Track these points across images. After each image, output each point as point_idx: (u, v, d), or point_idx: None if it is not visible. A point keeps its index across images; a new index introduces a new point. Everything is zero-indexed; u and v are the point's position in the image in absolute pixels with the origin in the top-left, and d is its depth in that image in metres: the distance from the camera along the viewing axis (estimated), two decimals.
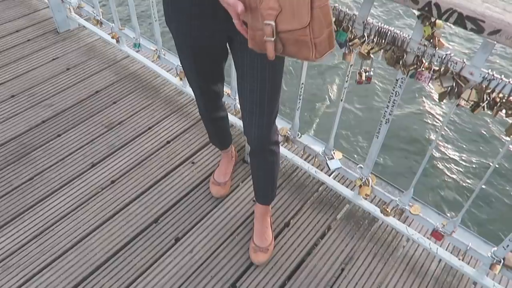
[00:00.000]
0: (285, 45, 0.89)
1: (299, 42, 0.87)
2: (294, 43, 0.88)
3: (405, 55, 1.15)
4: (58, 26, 2.54)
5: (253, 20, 0.88)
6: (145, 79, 2.26)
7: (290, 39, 0.88)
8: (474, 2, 0.94)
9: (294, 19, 0.84)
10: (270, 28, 0.86)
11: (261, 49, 0.92)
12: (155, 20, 1.96)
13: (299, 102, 1.59)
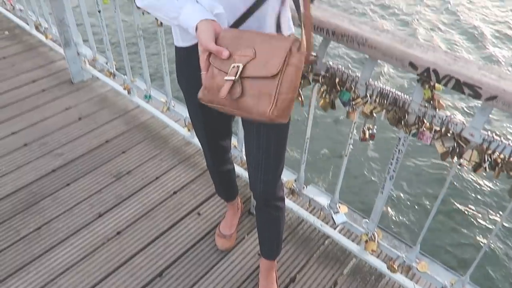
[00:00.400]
0: (244, 92, 0.85)
1: (261, 94, 0.84)
2: (254, 94, 0.84)
3: (407, 115, 1.18)
4: (73, 77, 2.65)
5: (223, 63, 0.88)
6: (154, 129, 2.31)
7: (252, 87, 0.84)
8: (470, 69, 0.99)
9: (264, 67, 0.83)
10: (236, 69, 0.85)
11: (211, 100, 0.90)
12: (165, 75, 2.04)
13: (304, 156, 1.62)
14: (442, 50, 1.06)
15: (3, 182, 1.97)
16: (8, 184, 1.95)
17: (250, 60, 0.85)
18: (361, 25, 1.14)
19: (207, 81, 0.90)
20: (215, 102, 0.90)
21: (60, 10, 2.34)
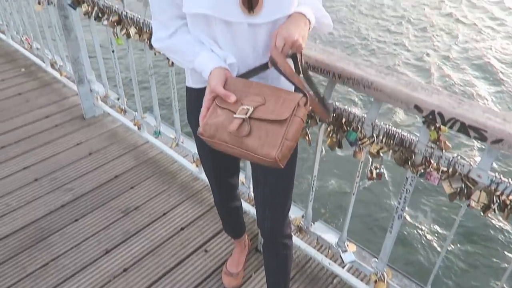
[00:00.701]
0: (251, 132, 0.88)
1: (268, 137, 0.86)
2: (261, 136, 0.87)
3: (413, 156, 1.20)
4: (85, 113, 2.72)
5: (229, 105, 0.92)
6: (163, 165, 2.34)
7: (260, 128, 0.87)
8: (475, 112, 1.00)
9: (274, 112, 0.87)
10: (245, 110, 0.89)
11: (212, 135, 0.91)
12: (175, 111, 2.09)
13: (311, 193, 1.62)
14: (447, 93, 1.08)
15: (12, 217, 1.98)
16: (17, 220, 1.97)
17: (259, 105, 0.89)
18: (366, 69, 1.17)
19: (210, 119, 0.93)
20: (216, 138, 0.92)
21: (76, 49, 2.43)
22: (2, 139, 2.51)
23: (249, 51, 1.00)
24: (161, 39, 1.05)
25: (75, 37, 2.39)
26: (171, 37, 1.03)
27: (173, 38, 1.03)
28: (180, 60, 1.06)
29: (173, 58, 1.10)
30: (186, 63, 1.05)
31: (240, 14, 0.94)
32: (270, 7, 0.95)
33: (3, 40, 3.55)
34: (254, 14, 0.94)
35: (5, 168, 2.29)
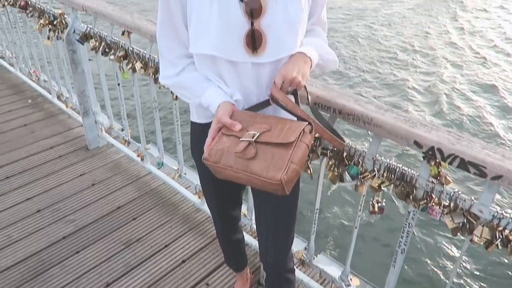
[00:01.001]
0: (257, 155, 0.89)
1: (273, 159, 0.87)
2: (267, 158, 0.88)
3: (415, 190, 1.20)
4: (89, 144, 2.75)
5: (236, 133, 0.94)
6: (165, 196, 2.35)
7: (266, 152, 0.89)
8: (474, 148, 1.02)
9: (279, 137, 0.89)
10: (251, 134, 0.91)
11: (217, 160, 0.92)
12: (178, 143, 2.12)
13: (314, 226, 1.62)
14: (445, 129, 1.10)
15: (13, 249, 1.98)
16: (19, 251, 1.96)
17: (265, 131, 0.91)
18: (366, 105, 1.20)
19: (215, 145, 0.95)
20: (221, 163, 0.93)
21: (82, 82, 2.49)
22: (7, 170, 2.54)
23: (253, 89, 1.03)
24: (169, 76, 1.09)
25: (82, 70, 2.46)
26: (179, 74, 1.07)
27: (181, 76, 1.07)
28: (188, 95, 1.09)
29: (180, 94, 1.13)
30: (193, 98, 1.08)
31: (244, 54, 0.98)
32: (273, 48, 0.99)
33: (11, 72, 3.64)
34: (257, 55, 0.98)
35: (8, 198, 2.30)
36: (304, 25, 1.02)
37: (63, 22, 2.35)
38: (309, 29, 1.10)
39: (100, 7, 1.98)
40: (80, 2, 2.09)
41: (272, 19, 0.96)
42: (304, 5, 1.00)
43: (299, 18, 0.99)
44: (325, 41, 1.13)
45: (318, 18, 1.11)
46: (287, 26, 0.98)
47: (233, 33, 0.96)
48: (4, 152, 2.70)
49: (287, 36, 0.99)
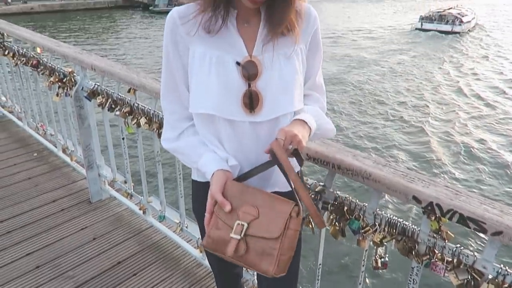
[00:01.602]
0: (249, 249, 0.94)
1: (264, 254, 0.92)
2: (258, 253, 0.92)
3: (417, 245, 1.20)
4: (92, 197, 2.76)
5: (227, 217, 0.98)
6: (166, 250, 2.32)
7: (256, 245, 0.93)
8: (472, 203, 1.03)
9: (267, 229, 0.92)
10: (240, 227, 0.94)
11: (215, 250, 0.97)
12: (180, 196, 2.13)
13: (317, 282, 1.59)
14: (443, 184, 1.12)
15: None
16: None
17: (253, 219, 0.95)
18: (364, 160, 1.23)
19: (212, 231, 0.99)
20: (219, 252, 0.98)
21: (88, 137, 2.55)
22: (8, 224, 2.53)
23: (252, 147, 1.07)
24: (169, 140, 1.14)
25: (88, 125, 2.53)
26: (178, 138, 1.12)
27: (180, 140, 1.12)
28: (186, 160, 1.14)
29: (180, 158, 1.18)
30: (191, 163, 1.13)
31: (242, 113, 1.02)
32: (270, 107, 1.03)
33: (19, 126, 3.73)
34: (255, 114, 1.03)
35: (8, 254, 2.28)
36: (300, 85, 1.08)
37: (72, 80, 2.45)
38: (307, 94, 1.16)
39: (108, 66, 2.08)
40: (89, 61, 2.19)
41: (268, 81, 1.02)
42: (298, 67, 1.06)
43: (293, 79, 1.05)
44: (324, 106, 1.19)
45: (314, 83, 1.16)
46: (282, 87, 1.03)
47: (231, 94, 1.01)
48: (7, 205, 2.71)
49: (283, 97, 1.04)
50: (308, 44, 1.10)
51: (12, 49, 3.11)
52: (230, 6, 1.03)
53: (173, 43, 1.06)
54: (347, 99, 16.50)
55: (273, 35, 1.01)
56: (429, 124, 12.90)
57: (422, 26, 35.10)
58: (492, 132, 7.61)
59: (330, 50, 26.14)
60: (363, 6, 60.14)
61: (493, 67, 22.75)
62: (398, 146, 11.91)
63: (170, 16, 1.07)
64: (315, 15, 1.10)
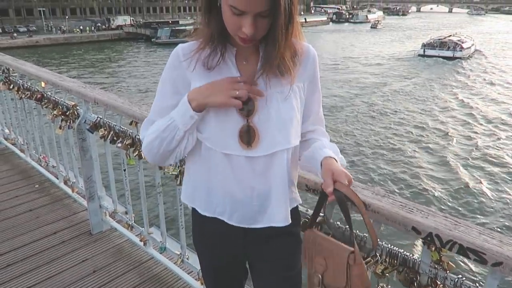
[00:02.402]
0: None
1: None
2: None
3: (419, 276, 1.19)
4: (92, 228, 2.75)
5: (309, 267, 1.09)
6: (167, 282, 2.29)
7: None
8: (471, 234, 1.04)
9: (335, 279, 1.01)
10: (317, 278, 1.05)
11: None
12: (181, 228, 2.12)
13: None
14: (442, 214, 1.12)
15: None
16: None
17: (324, 270, 1.06)
18: (363, 191, 1.24)
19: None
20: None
21: (89, 168, 2.57)
22: (9, 257, 2.51)
23: (248, 181, 1.08)
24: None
25: (90, 157, 2.55)
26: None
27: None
28: (167, 136, 1.07)
29: (157, 143, 1.10)
30: (172, 130, 1.07)
31: (238, 148, 1.04)
32: (267, 143, 1.06)
33: (21, 158, 3.76)
34: (252, 148, 1.04)
35: None
36: (297, 122, 1.10)
37: (75, 113, 2.50)
38: (313, 130, 1.19)
39: (111, 100, 2.13)
40: (92, 95, 2.24)
41: (265, 117, 1.05)
42: (296, 105, 1.08)
43: (291, 117, 1.07)
44: (327, 136, 1.23)
45: (317, 117, 1.20)
46: (279, 125, 1.06)
47: (227, 129, 1.04)
48: (8, 238, 2.70)
49: (279, 133, 1.06)
50: (308, 82, 1.13)
51: (17, 84, 3.18)
52: (228, 44, 1.07)
53: (172, 78, 1.10)
54: (349, 127, 16.62)
55: (268, 73, 1.04)
56: (449, 152, 13.00)
57: (425, 52, 36.83)
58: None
59: (332, 77, 26.66)
60: (361, 36, 61.55)
61: (499, 91, 23.35)
62: (399, 176, 11.91)
63: (174, 52, 1.10)
64: (314, 54, 1.13)
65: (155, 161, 1.16)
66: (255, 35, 0.97)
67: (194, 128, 1.07)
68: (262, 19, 0.96)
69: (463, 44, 37.58)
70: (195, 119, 1.04)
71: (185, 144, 1.09)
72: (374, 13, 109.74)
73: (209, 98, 1.02)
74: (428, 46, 37.67)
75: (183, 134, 1.06)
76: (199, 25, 1.07)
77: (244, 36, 0.97)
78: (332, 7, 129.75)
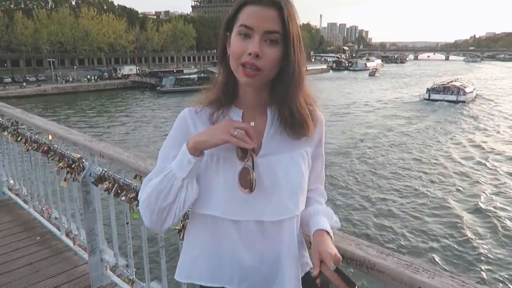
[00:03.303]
0: None
1: None
2: None
3: None
4: (92, 283, 2.69)
5: None
6: None
7: None
8: None
9: None
10: None
11: None
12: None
13: None
14: (448, 274, 1.11)
15: None
16: None
17: None
18: (367, 249, 1.23)
19: None
20: None
21: (92, 221, 2.57)
22: None
23: (256, 245, 1.07)
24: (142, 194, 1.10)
25: (93, 210, 2.55)
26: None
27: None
28: (166, 186, 1.03)
29: (155, 197, 1.04)
30: (170, 180, 1.03)
31: (247, 213, 1.04)
32: (277, 207, 1.05)
33: (24, 209, 3.76)
34: (253, 193, 1.01)
35: None
36: (305, 188, 1.11)
37: (80, 166, 2.53)
38: (312, 189, 1.19)
39: (116, 154, 2.16)
40: (98, 149, 2.29)
41: (273, 181, 1.04)
42: (304, 171, 1.09)
43: (300, 183, 1.08)
44: (326, 196, 1.23)
45: (319, 176, 1.21)
46: (289, 190, 1.06)
47: (237, 195, 1.02)
48: None
49: (289, 200, 1.06)
50: (315, 147, 1.15)
51: (25, 136, 3.25)
52: (234, 106, 1.09)
53: (177, 140, 1.09)
54: (352, 176, 16.58)
55: (277, 133, 1.06)
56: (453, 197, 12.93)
57: (430, 96, 39.43)
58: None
59: (337, 123, 27.20)
60: (363, 82, 63.16)
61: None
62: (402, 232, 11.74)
63: (182, 115, 1.12)
64: (322, 119, 1.15)
65: (152, 222, 1.07)
66: (261, 61, 0.96)
67: (193, 177, 1.03)
68: (270, 47, 0.96)
69: (465, 89, 39.94)
70: (192, 164, 1.00)
71: (184, 196, 1.03)
72: (373, 61, 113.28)
73: (207, 137, 0.99)
74: (432, 91, 40.15)
75: (181, 182, 1.01)
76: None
77: (248, 59, 0.96)
78: (332, 56, 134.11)
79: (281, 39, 0.97)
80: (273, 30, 0.95)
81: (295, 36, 0.97)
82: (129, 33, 64.65)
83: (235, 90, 1.07)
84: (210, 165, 1.06)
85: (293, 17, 0.97)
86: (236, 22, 0.99)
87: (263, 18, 0.94)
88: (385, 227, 11.87)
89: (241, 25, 0.96)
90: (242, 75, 0.99)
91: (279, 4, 0.95)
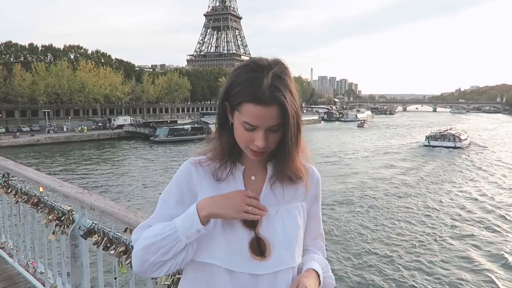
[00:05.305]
0: None
1: None
2: None
3: None
4: None
5: None
6: None
7: None
8: None
9: None
10: None
11: None
12: None
13: None
14: None
15: None
16: None
17: None
18: None
19: None
20: None
21: (79, 276, 2.49)
22: None
23: None
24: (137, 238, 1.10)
25: (81, 264, 2.49)
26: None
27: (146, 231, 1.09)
28: (167, 245, 1.03)
29: (154, 251, 1.04)
30: (172, 240, 1.03)
31: (245, 263, 1.04)
32: (273, 259, 1.05)
33: (8, 263, 3.64)
34: (266, 259, 1.04)
35: None
36: (301, 240, 1.13)
37: (70, 218, 2.50)
38: (313, 244, 1.21)
39: (107, 207, 2.16)
40: (89, 201, 2.28)
41: (271, 233, 1.06)
42: (300, 223, 1.12)
43: (296, 234, 1.10)
44: (325, 251, 1.24)
45: (318, 232, 1.23)
46: (285, 242, 1.07)
47: (236, 244, 1.04)
48: None
49: (285, 251, 1.07)
50: (311, 203, 1.18)
51: (15, 188, 3.23)
52: (237, 161, 1.13)
53: (180, 190, 1.11)
54: (352, 225, 16.41)
55: (276, 188, 1.10)
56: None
57: (429, 143, 44.33)
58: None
59: (332, 172, 27.58)
60: (350, 133, 64.52)
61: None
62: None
63: (185, 165, 1.15)
64: (318, 175, 1.19)
65: (142, 270, 1.07)
66: (267, 147, 1.04)
67: (195, 241, 1.06)
68: (273, 133, 1.03)
69: (460, 136, 44.91)
70: (200, 233, 1.02)
71: (182, 257, 1.05)
72: (363, 112, 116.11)
73: (223, 210, 1.02)
74: (431, 138, 45.19)
75: (184, 246, 1.03)
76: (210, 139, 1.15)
77: (255, 149, 1.04)
78: (323, 107, 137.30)
79: (282, 124, 1.03)
80: (275, 124, 1.02)
81: (294, 116, 1.03)
82: (125, 85, 65.98)
83: (239, 150, 1.11)
84: (211, 220, 1.07)
85: (289, 97, 1.02)
86: (239, 109, 1.03)
87: (267, 117, 1.00)
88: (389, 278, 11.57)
89: (245, 122, 1.02)
90: (251, 155, 1.07)
91: (279, 100, 1.00)
